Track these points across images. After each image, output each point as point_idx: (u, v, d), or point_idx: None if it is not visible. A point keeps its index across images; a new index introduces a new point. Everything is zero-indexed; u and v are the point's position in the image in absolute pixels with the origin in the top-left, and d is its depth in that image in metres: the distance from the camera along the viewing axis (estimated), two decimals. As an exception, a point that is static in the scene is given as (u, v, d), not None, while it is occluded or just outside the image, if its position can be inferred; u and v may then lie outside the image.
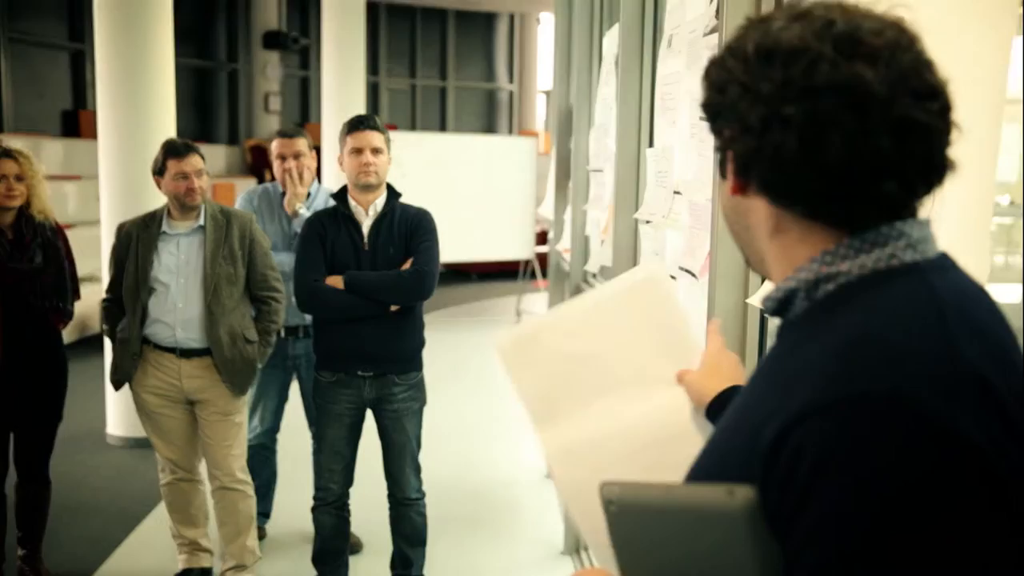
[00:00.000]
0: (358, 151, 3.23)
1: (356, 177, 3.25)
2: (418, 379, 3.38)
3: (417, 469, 3.43)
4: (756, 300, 1.90)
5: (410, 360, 3.34)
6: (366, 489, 3.53)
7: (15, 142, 3.61)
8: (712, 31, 2.22)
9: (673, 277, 2.44)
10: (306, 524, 4.22)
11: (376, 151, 3.24)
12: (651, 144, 2.80)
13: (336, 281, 3.19)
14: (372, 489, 3.56)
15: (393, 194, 3.34)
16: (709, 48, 2.22)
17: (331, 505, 3.40)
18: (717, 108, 0.93)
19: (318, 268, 3.23)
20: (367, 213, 3.29)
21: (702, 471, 0.96)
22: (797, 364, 0.86)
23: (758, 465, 0.83)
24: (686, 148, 2.41)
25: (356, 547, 4.04)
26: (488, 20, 17.64)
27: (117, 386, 3.57)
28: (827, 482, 0.77)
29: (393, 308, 3.21)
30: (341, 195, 3.33)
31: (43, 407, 3.58)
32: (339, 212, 3.30)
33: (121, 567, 3.98)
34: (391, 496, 3.45)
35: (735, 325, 1.96)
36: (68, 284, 3.57)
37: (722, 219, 1.08)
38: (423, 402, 3.41)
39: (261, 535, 3.96)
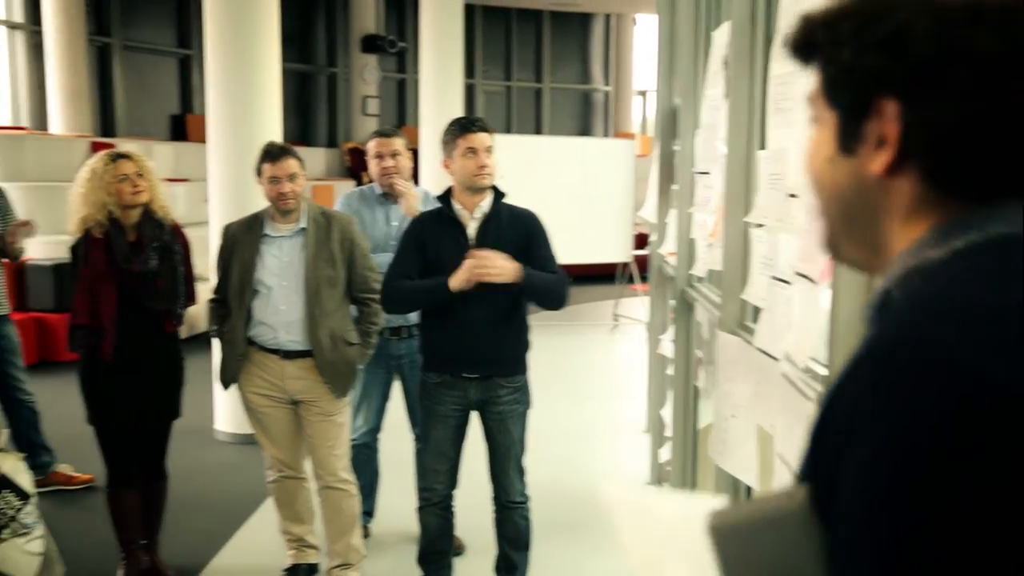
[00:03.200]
0: (473, 152, 3.20)
1: (471, 179, 3.22)
2: (523, 382, 3.37)
3: (521, 472, 3.42)
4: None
5: (516, 363, 3.34)
6: (470, 491, 3.54)
7: (128, 146, 3.75)
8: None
9: (787, 282, 2.37)
10: (409, 524, 4.26)
11: (490, 152, 3.24)
12: (763, 146, 2.73)
13: (498, 272, 3.09)
14: (476, 491, 3.56)
15: (499, 195, 3.32)
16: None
17: (436, 506, 3.41)
18: (882, 74, 0.80)
19: (406, 269, 3.24)
20: (472, 215, 3.27)
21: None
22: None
23: (815, 439, 0.79)
24: (803, 150, 2.33)
25: (459, 549, 4.05)
26: (583, 21, 17.57)
27: (225, 385, 3.66)
28: (861, 427, 0.72)
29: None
30: (445, 197, 3.33)
31: (162, 405, 3.69)
32: (443, 214, 3.29)
33: (232, 561, 4.08)
34: (496, 499, 3.45)
35: (859, 331, 1.88)
36: (181, 288, 3.65)
37: None
38: (528, 405, 3.40)
39: (365, 534, 4.01)
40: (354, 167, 14.73)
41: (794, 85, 2.42)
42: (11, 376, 4.63)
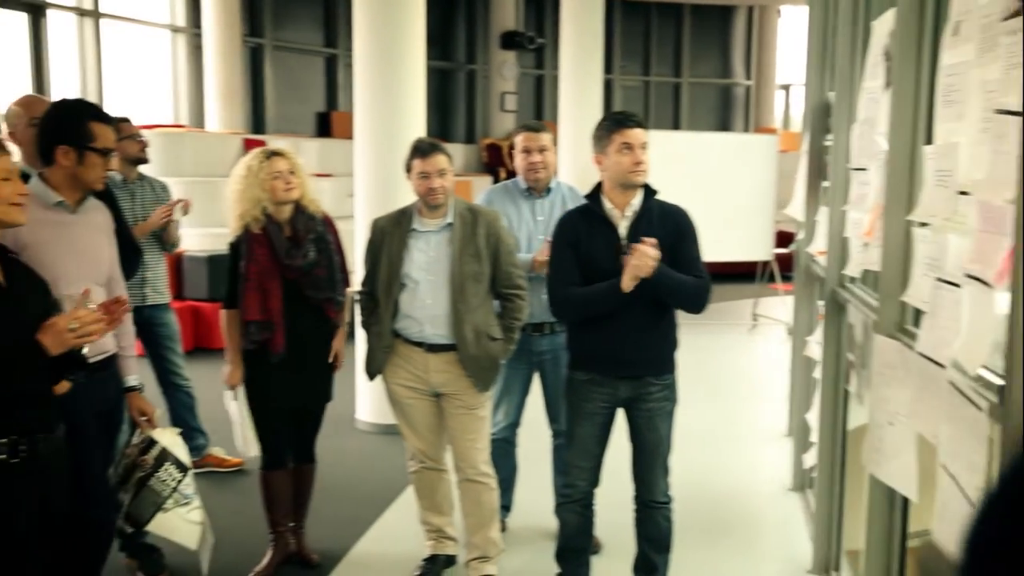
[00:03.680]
0: (628, 148, 3.14)
1: (626, 176, 3.16)
2: (672, 380, 3.31)
3: (666, 471, 3.37)
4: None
5: (666, 361, 3.29)
6: (609, 490, 3.50)
7: (278, 143, 3.86)
8: (1014, 15, 2.01)
9: (955, 284, 2.24)
10: (545, 519, 4.27)
11: (644, 148, 3.18)
12: (929, 140, 2.59)
13: (644, 265, 3.03)
14: (615, 490, 3.53)
15: (650, 192, 3.26)
16: (1009, 33, 2.01)
17: (577, 503, 3.39)
18: None
19: (569, 274, 3.20)
20: (623, 214, 3.22)
21: None
22: None
23: None
24: (977, 145, 2.20)
25: (596, 548, 4.02)
26: (725, 14, 17.22)
27: (371, 376, 3.73)
28: None
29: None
30: (595, 194, 3.29)
31: (318, 389, 3.80)
32: (592, 212, 3.25)
33: (373, 548, 4.17)
34: (638, 498, 3.41)
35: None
36: (338, 275, 3.77)
37: None
38: (675, 403, 3.34)
39: (502, 528, 4.02)
40: (491, 163, 14.87)
41: (966, 76, 2.29)
42: (170, 362, 4.85)
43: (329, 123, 13.47)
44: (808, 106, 4.87)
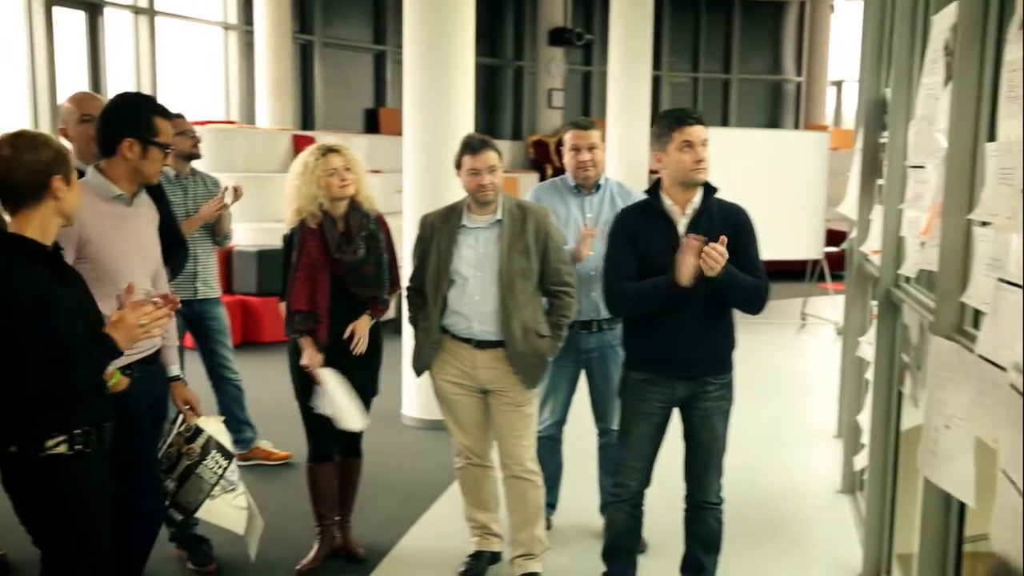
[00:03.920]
0: (689, 145, 3.10)
1: (687, 174, 3.12)
2: (729, 379, 3.28)
3: (720, 472, 3.33)
4: None
5: (725, 361, 3.26)
6: (655, 488, 3.47)
7: (326, 139, 3.88)
8: (1083, 9, 1.95)
9: (1018, 285, 2.18)
10: (590, 518, 4.25)
11: (705, 145, 3.13)
12: (991, 138, 2.53)
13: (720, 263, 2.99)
14: (661, 489, 3.50)
15: (709, 190, 3.22)
16: (1078, 28, 1.95)
17: (626, 503, 3.36)
18: None
19: (626, 269, 3.18)
20: (683, 211, 3.18)
21: None
22: None
23: None
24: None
25: (642, 547, 3.99)
26: (776, 9, 17.03)
27: (418, 372, 3.74)
28: None
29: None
30: (653, 191, 3.25)
31: (364, 383, 3.82)
32: (651, 208, 3.21)
33: (418, 543, 4.18)
34: (689, 498, 3.37)
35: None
36: (386, 275, 3.79)
37: None
38: (732, 402, 3.31)
39: (547, 526, 4.01)
40: (538, 160, 14.85)
41: (1031, 71, 2.23)
42: (220, 355, 4.91)
43: (377, 119, 13.55)
44: (862, 103, 4.78)
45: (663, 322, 3.15)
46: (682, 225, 3.17)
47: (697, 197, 3.19)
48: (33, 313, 2.39)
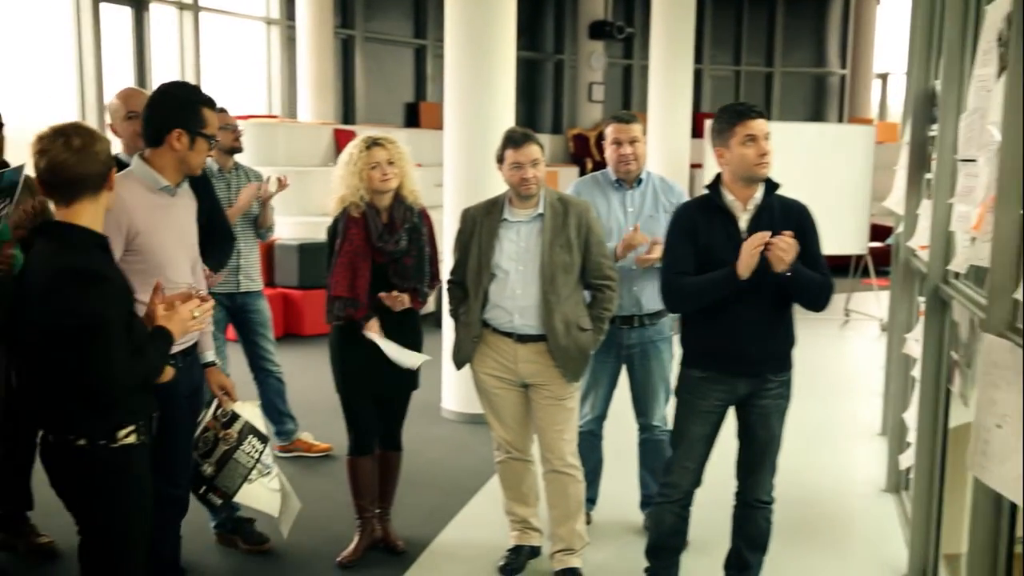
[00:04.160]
0: (752, 139, 3.05)
1: (751, 169, 3.06)
2: (788, 377, 3.24)
3: (774, 471, 3.30)
4: None
5: (785, 358, 3.22)
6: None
7: (367, 133, 3.89)
8: None
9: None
10: (629, 513, 4.24)
11: (768, 139, 3.08)
12: (1047, 130, 2.46)
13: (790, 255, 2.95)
14: (704, 486, 3.45)
15: (771, 186, 3.16)
16: None
17: (676, 503, 3.31)
18: None
19: (684, 264, 3.12)
20: (745, 207, 3.13)
21: None
22: None
23: None
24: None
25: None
26: (820, 1, 16.80)
27: (459, 366, 3.73)
28: None
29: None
30: (715, 186, 3.18)
31: (404, 377, 3.82)
32: (712, 204, 3.15)
33: (457, 537, 4.19)
34: (740, 496, 3.34)
35: None
36: (427, 268, 3.79)
37: None
38: (789, 401, 3.27)
39: (587, 521, 3.99)
40: (578, 154, 14.80)
41: (1090, 61, 2.17)
42: (262, 348, 4.95)
43: (417, 113, 13.58)
44: (911, 95, 4.69)
45: (727, 318, 3.09)
46: (743, 221, 3.11)
47: (759, 193, 3.13)
48: (122, 301, 2.43)
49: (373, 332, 3.65)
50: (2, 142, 3.67)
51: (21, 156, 2.91)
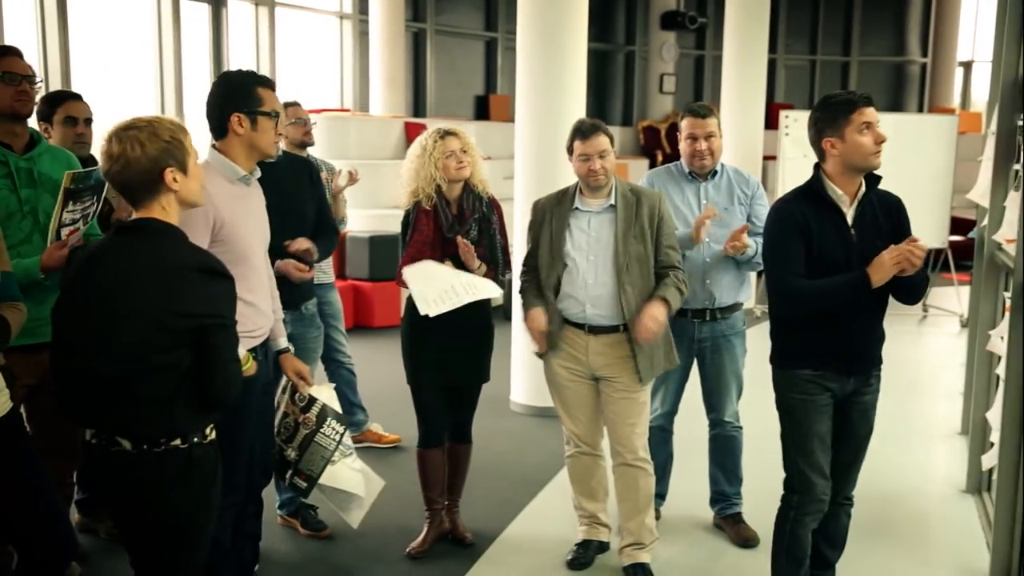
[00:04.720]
0: (869, 126, 2.90)
1: (868, 158, 2.92)
2: (880, 371, 3.15)
3: (860, 467, 3.22)
4: None
5: (881, 353, 3.13)
6: (755, 481, 3.36)
7: (437, 125, 3.91)
8: None
9: None
10: (699, 509, 4.18)
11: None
12: None
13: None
14: (760, 482, 3.38)
15: (872, 179, 3.01)
16: None
17: (814, 516, 3.12)
18: None
19: (799, 265, 2.95)
20: (851, 201, 2.99)
21: None
22: None
23: None
24: None
25: (752, 541, 3.91)
26: (900, -12, 16.38)
27: (540, 356, 3.71)
28: None
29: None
30: (819, 179, 3.01)
31: (475, 368, 3.84)
32: (819, 198, 2.98)
33: (525, 530, 4.18)
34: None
35: None
36: (499, 256, 3.80)
37: None
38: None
39: (656, 516, 3.95)
40: (648, 146, 14.66)
41: None
42: (334, 339, 5.00)
43: (487, 106, 13.61)
44: (998, 83, 4.53)
45: (845, 319, 2.98)
46: (850, 216, 2.97)
47: (862, 186, 3.00)
48: (235, 299, 2.45)
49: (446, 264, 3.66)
50: (91, 138, 3.76)
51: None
